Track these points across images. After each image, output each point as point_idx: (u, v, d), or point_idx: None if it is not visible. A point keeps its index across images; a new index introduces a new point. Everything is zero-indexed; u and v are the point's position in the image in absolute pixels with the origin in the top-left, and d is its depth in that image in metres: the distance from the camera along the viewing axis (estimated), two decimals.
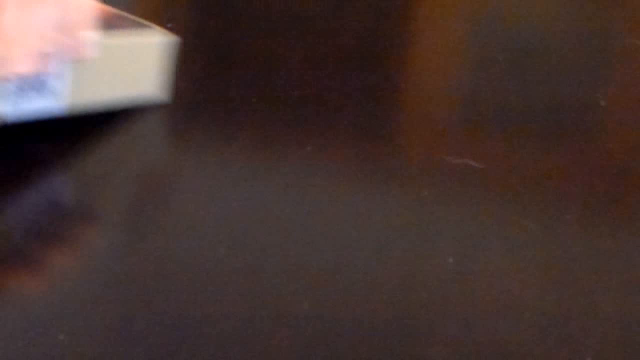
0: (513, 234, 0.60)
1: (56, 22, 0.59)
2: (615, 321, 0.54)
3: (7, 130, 0.63)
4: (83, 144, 0.65)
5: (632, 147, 0.68)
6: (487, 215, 0.61)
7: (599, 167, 0.66)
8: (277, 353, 0.51)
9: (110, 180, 0.62)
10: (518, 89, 0.74)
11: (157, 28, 0.68)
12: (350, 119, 0.69)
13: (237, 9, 0.82)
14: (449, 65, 0.77)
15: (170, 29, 0.69)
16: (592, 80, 0.75)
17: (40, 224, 0.58)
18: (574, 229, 0.61)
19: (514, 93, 0.73)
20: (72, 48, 0.60)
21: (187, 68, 0.74)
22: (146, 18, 0.68)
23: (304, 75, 0.74)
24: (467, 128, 0.69)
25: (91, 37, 0.61)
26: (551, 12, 0.85)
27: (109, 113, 0.68)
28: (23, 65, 0.58)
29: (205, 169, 0.64)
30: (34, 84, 0.61)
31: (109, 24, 0.66)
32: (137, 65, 0.66)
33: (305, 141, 0.67)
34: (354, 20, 0.82)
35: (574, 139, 0.69)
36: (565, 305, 0.55)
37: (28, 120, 0.62)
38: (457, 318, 0.54)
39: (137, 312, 0.53)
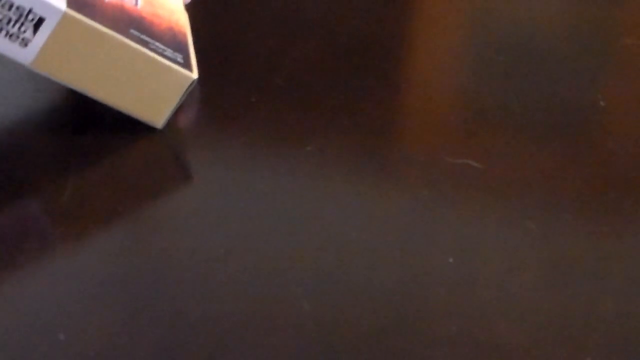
0: (513, 234, 0.60)
1: None
2: (615, 321, 0.54)
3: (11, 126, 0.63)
4: (82, 142, 0.65)
5: (631, 147, 0.68)
6: (487, 215, 0.61)
7: (598, 167, 0.66)
8: (277, 353, 0.51)
9: (110, 179, 0.62)
10: (518, 89, 0.74)
11: (193, 60, 0.67)
12: (350, 119, 0.69)
13: (237, 9, 0.82)
14: (449, 65, 0.77)
15: None
16: (592, 80, 0.75)
17: (40, 224, 0.58)
18: (574, 229, 0.61)
19: (514, 93, 0.73)
20: None
21: None
22: None
23: (304, 75, 0.74)
24: (467, 128, 0.69)
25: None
26: (551, 12, 0.85)
27: (106, 111, 0.68)
28: None
29: (204, 168, 0.64)
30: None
31: (154, 35, 0.65)
32: (148, 85, 0.65)
33: (305, 141, 0.67)
34: (354, 20, 0.82)
35: (574, 139, 0.69)
36: (565, 305, 0.55)
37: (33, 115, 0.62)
38: (457, 318, 0.54)
39: (137, 312, 0.53)
